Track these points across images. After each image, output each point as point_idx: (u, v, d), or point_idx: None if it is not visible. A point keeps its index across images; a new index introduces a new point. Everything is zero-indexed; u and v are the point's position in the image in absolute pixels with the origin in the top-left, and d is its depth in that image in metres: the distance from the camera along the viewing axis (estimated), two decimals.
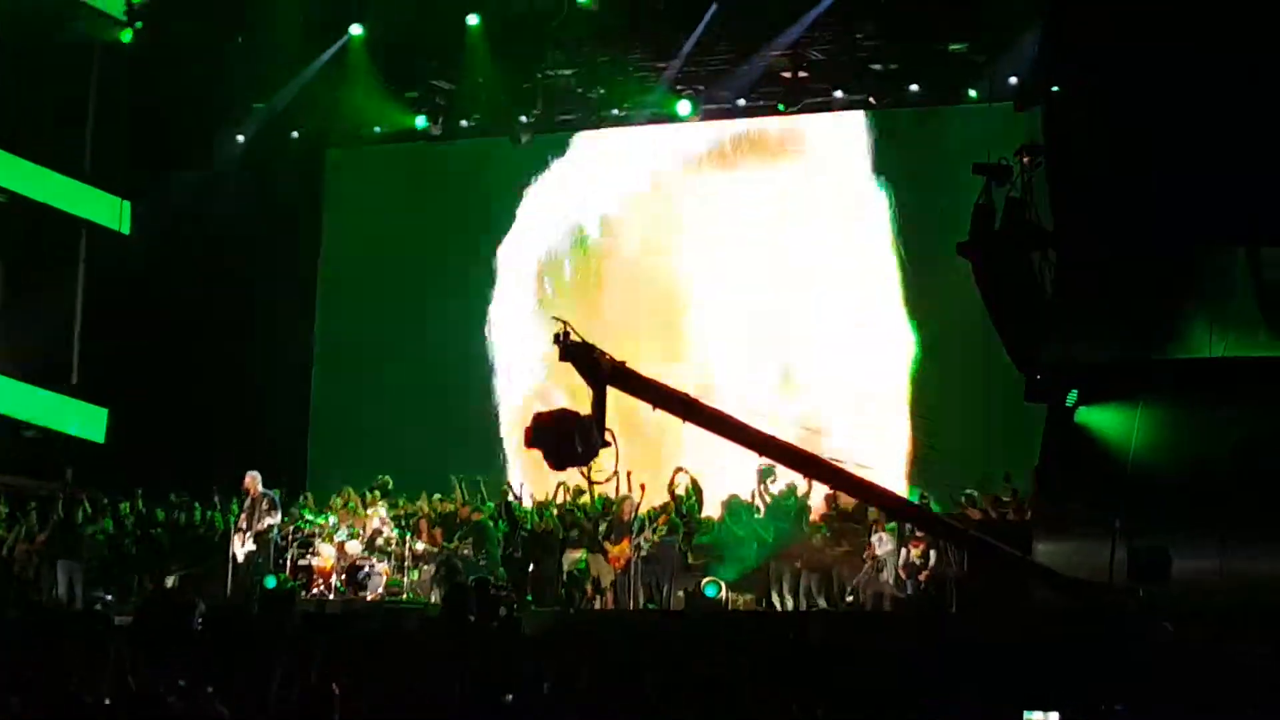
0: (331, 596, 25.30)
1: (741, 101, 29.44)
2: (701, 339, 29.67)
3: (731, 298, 29.54)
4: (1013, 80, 26.61)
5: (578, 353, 11.29)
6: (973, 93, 27.68)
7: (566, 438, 10.99)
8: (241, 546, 25.45)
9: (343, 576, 25.61)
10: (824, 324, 28.91)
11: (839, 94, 28.89)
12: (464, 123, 31.10)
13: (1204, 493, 18.73)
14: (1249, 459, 18.79)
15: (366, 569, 25.41)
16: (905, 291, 28.56)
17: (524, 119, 30.46)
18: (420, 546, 25.75)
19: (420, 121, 30.98)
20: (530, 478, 27.96)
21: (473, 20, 29.29)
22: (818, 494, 24.30)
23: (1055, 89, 21.83)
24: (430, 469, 28.27)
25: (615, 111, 30.15)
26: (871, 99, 28.83)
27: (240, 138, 31.27)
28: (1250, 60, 19.25)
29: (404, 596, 25.23)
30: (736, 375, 28.65)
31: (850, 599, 23.61)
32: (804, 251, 29.21)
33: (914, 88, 28.25)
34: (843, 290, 28.93)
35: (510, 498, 26.35)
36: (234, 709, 13.08)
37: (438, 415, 30.46)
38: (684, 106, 29.48)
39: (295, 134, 31.71)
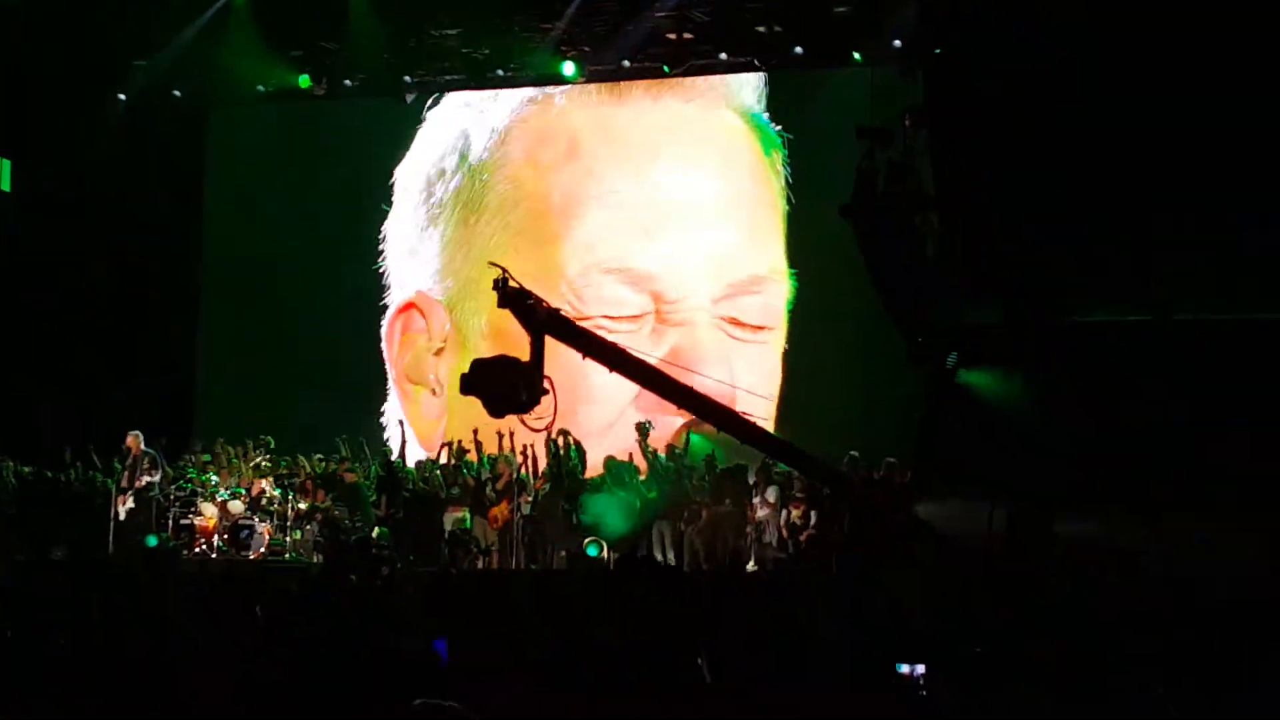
0: (214, 556, 25.22)
1: (627, 63, 29.39)
2: (578, 263, 29.48)
3: (610, 220, 29.45)
4: (896, 43, 26.71)
5: (515, 298, 11.25)
6: (857, 55, 27.75)
7: (509, 384, 10.92)
8: (123, 506, 25.36)
9: (225, 536, 25.55)
10: (700, 260, 28.81)
11: (724, 56, 28.91)
12: (349, 82, 30.94)
13: (1083, 456, 18.96)
14: (1124, 421, 19.03)
15: (249, 528, 25.36)
16: (787, 243, 28.55)
17: (409, 79, 30.36)
18: (303, 506, 25.70)
19: (303, 80, 30.80)
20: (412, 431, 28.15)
21: None
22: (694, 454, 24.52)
23: (936, 51, 21.98)
24: (320, 425, 28.21)
25: (500, 72, 30.05)
26: (756, 61, 28.86)
27: (122, 96, 30.99)
28: (1128, 19, 19.43)
29: (286, 556, 25.18)
30: (606, 304, 28.60)
31: (731, 559, 23.75)
32: (687, 184, 29.11)
33: (799, 50, 28.30)
34: (722, 229, 28.81)
35: (394, 457, 26.38)
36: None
37: (326, 372, 30.33)
38: (569, 68, 29.45)
39: (177, 93, 31.45)
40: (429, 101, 30.92)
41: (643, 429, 24.85)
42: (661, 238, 28.60)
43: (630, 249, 28.75)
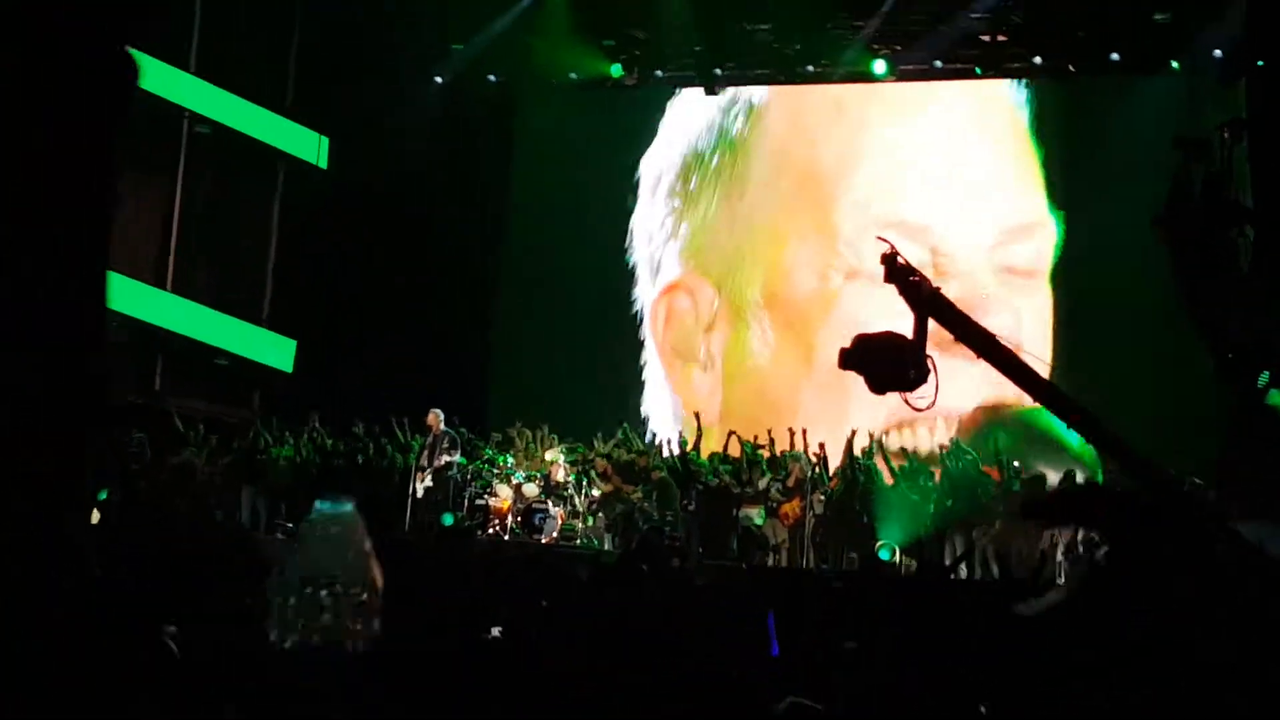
0: (506, 537, 25.53)
1: (938, 63, 29.23)
2: (853, 222, 29.32)
3: (880, 177, 29.36)
4: (1217, 53, 26.21)
5: (900, 274, 11.15)
6: (1175, 64, 27.29)
7: (896, 361, 10.80)
8: (421, 483, 25.81)
9: (518, 518, 25.85)
10: (973, 209, 28.59)
11: (1038, 60, 28.60)
12: (659, 73, 31.19)
13: None
14: None
15: (543, 512, 25.63)
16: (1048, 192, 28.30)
17: (719, 71, 30.49)
18: (597, 492, 25.90)
19: (615, 69, 31.10)
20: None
21: None
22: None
23: (1260, 63, 21.54)
24: (609, 411, 28.49)
25: (810, 68, 30.07)
26: (1071, 66, 28.51)
27: (438, 79, 31.56)
28: None
29: (578, 541, 25.41)
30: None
31: (1024, 571, 23.46)
32: (953, 138, 29.01)
33: (1115, 56, 27.92)
34: (990, 179, 28.64)
35: (688, 449, 26.48)
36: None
37: (609, 359, 30.65)
38: (880, 66, 29.36)
39: (492, 78, 31.94)
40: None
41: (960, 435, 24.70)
42: (933, 190, 28.51)
43: (903, 203, 28.68)
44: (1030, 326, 27.21)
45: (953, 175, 28.63)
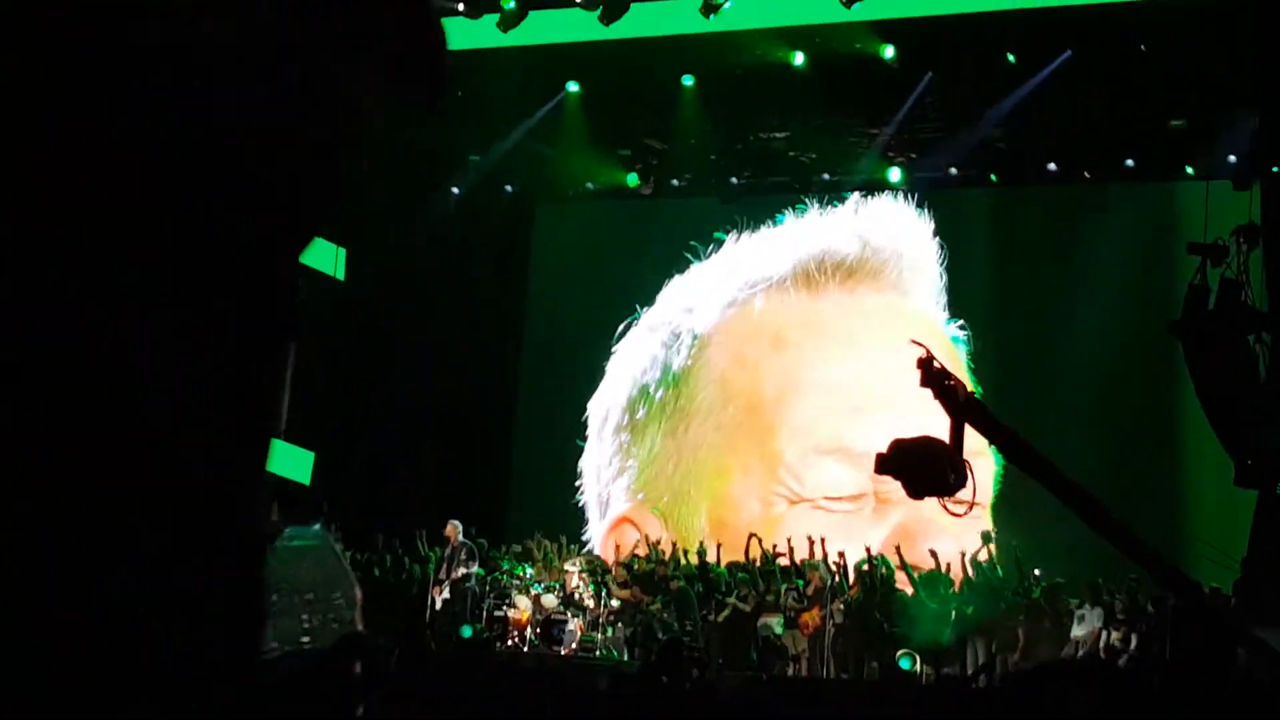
0: (525, 649, 25.44)
1: (954, 170, 29.34)
2: (796, 448, 29.47)
3: (822, 405, 29.40)
4: (1231, 159, 26.28)
5: (937, 379, 11.12)
6: (1189, 169, 27.38)
7: (936, 465, 10.77)
8: (439, 595, 25.77)
9: (537, 630, 25.76)
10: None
11: (1052, 166, 28.70)
12: (674, 181, 31.35)
13: None
14: None
15: (561, 623, 25.55)
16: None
17: (735, 180, 30.62)
18: (616, 603, 25.83)
19: (631, 179, 31.26)
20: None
21: (688, 80, 29.48)
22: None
23: (1275, 169, 21.59)
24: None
25: (826, 175, 30.19)
26: (1086, 173, 28.60)
27: (455, 190, 31.72)
28: None
29: (597, 653, 25.31)
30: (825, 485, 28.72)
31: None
32: (891, 367, 29.17)
33: (1130, 162, 28.02)
34: (927, 407, 28.59)
35: (707, 558, 26.42)
36: None
37: None
38: (895, 174, 29.48)
39: (509, 188, 32.10)
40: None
41: (985, 537, 24.53)
42: (873, 417, 28.30)
43: (845, 430, 28.63)
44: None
45: (894, 402, 28.71)
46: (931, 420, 24.15)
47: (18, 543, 2.54)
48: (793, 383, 29.58)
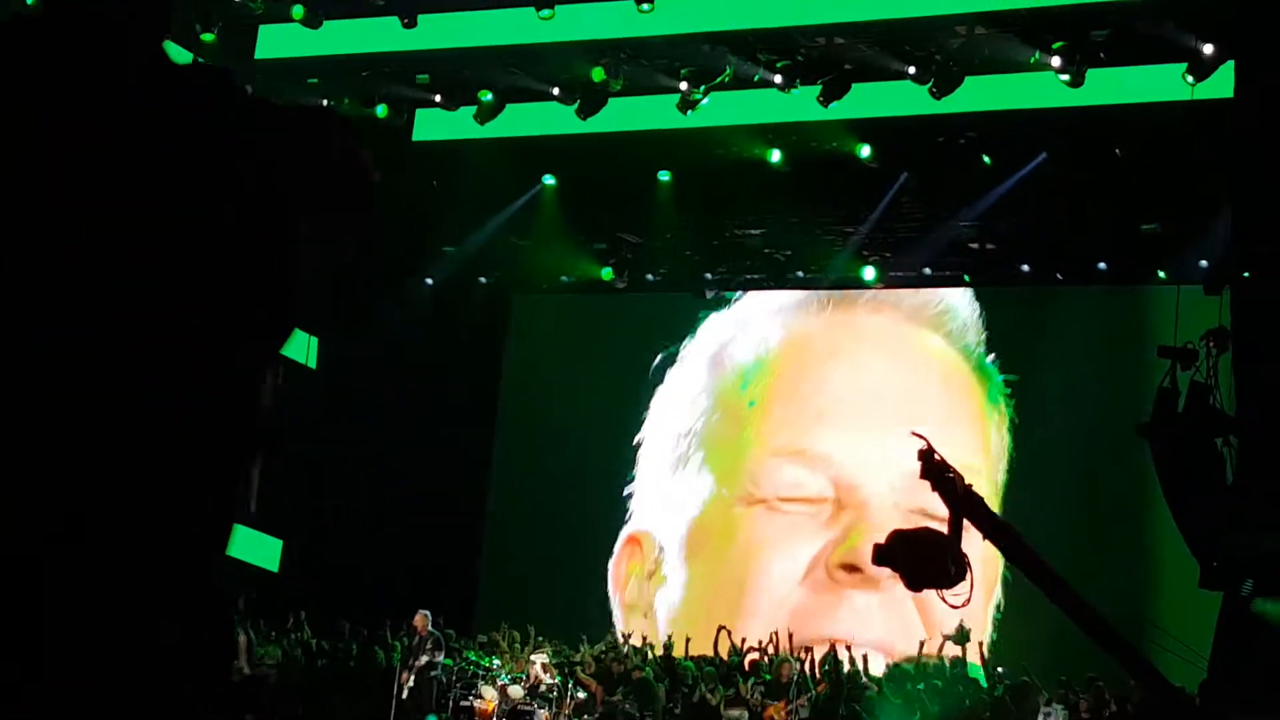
0: None
1: (927, 270, 29.47)
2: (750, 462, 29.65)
3: (791, 414, 29.64)
4: (1203, 263, 26.42)
5: (936, 471, 11.09)
6: (1161, 273, 27.52)
7: (934, 557, 10.74)
8: (405, 684, 25.70)
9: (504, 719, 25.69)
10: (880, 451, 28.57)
11: (1026, 268, 28.84)
12: (650, 276, 31.46)
13: None
14: None
15: (528, 714, 25.46)
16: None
17: (710, 275, 30.72)
18: (582, 695, 25.76)
19: (606, 272, 31.35)
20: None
21: (664, 176, 29.64)
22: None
23: (1246, 274, 21.65)
24: (598, 615, 28.45)
25: (800, 273, 30.31)
26: (1059, 275, 28.74)
27: (429, 280, 31.77)
28: None
29: None
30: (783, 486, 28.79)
31: None
32: (884, 383, 29.27)
33: (1102, 265, 28.17)
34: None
35: (673, 651, 26.39)
36: None
37: (608, 560, 30.67)
38: (869, 272, 29.61)
39: (484, 279, 32.16)
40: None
41: (961, 634, 24.50)
42: (835, 425, 28.66)
43: (804, 434, 29.05)
44: None
45: (862, 416, 28.86)
46: (895, 440, 24.01)
47: None
48: (769, 398, 29.81)
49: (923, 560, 10.84)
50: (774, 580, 26.92)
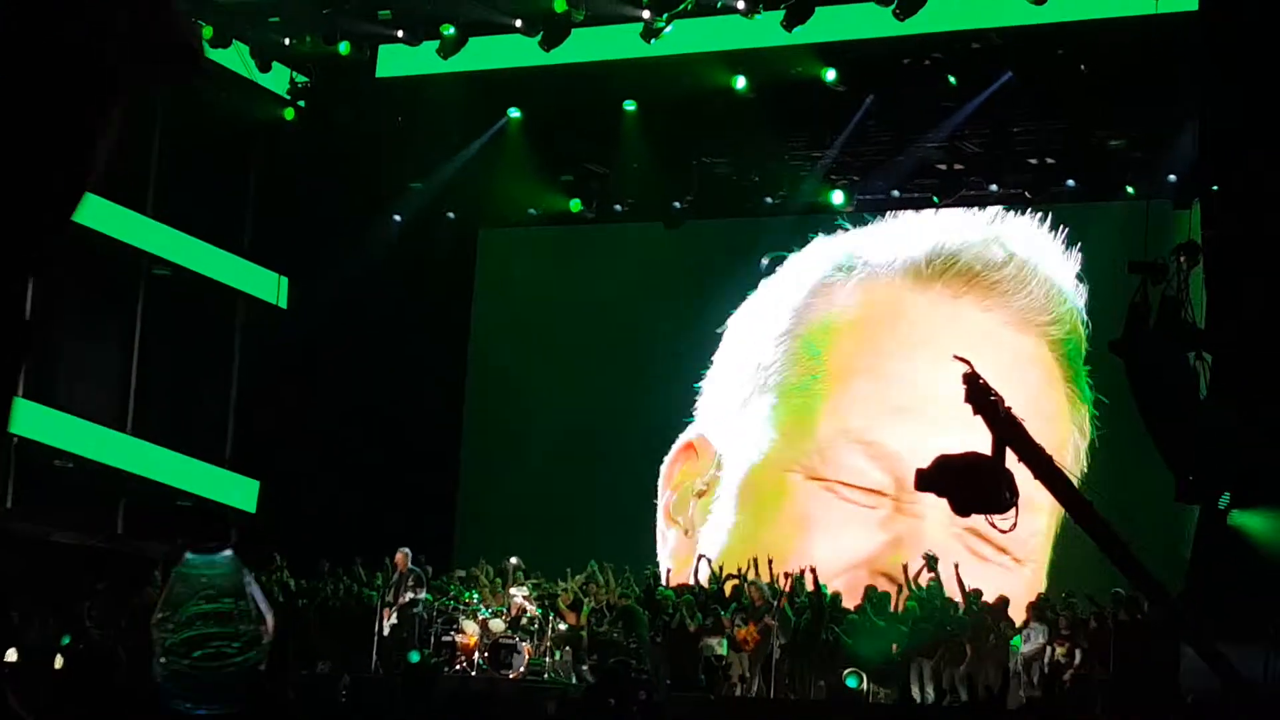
0: (474, 674, 25.38)
1: (896, 193, 29.42)
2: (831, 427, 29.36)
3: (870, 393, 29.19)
4: (1172, 178, 26.40)
5: (979, 394, 10.99)
6: (1130, 189, 27.50)
7: (985, 482, 10.60)
8: (387, 621, 25.73)
9: (485, 654, 25.70)
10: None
11: (994, 188, 28.78)
12: (617, 207, 31.33)
13: None
14: None
15: (510, 647, 25.49)
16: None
17: (678, 205, 30.61)
18: (563, 627, 25.80)
19: (574, 204, 31.25)
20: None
21: (630, 106, 29.55)
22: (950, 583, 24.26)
23: (1215, 188, 21.68)
24: (577, 549, 28.34)
25: (769, 200, 30.22)
26: (1027, 193, 28.69)
27: (397, 217, 31.63)
28: None
29: (545, 676, 25.27)
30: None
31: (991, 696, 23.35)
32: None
33: (1071, 183, 28.14)
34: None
35: (656, 582, 26.43)
36: None
37: (585, 493, 30.54)
38: (838, 196, 29.53)
39: (451, 215, 32.02)
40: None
41: (930, 561, 24.53)
42: (914, 421, 27.79)
43: (881, 425, 28.42)
44: None
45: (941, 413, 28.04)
46: (972, 438, 23.87)
47: None
48: (850, 366, 29.38)
49: (971, 485, 10.73)
50: (815, 564, 26.51)
